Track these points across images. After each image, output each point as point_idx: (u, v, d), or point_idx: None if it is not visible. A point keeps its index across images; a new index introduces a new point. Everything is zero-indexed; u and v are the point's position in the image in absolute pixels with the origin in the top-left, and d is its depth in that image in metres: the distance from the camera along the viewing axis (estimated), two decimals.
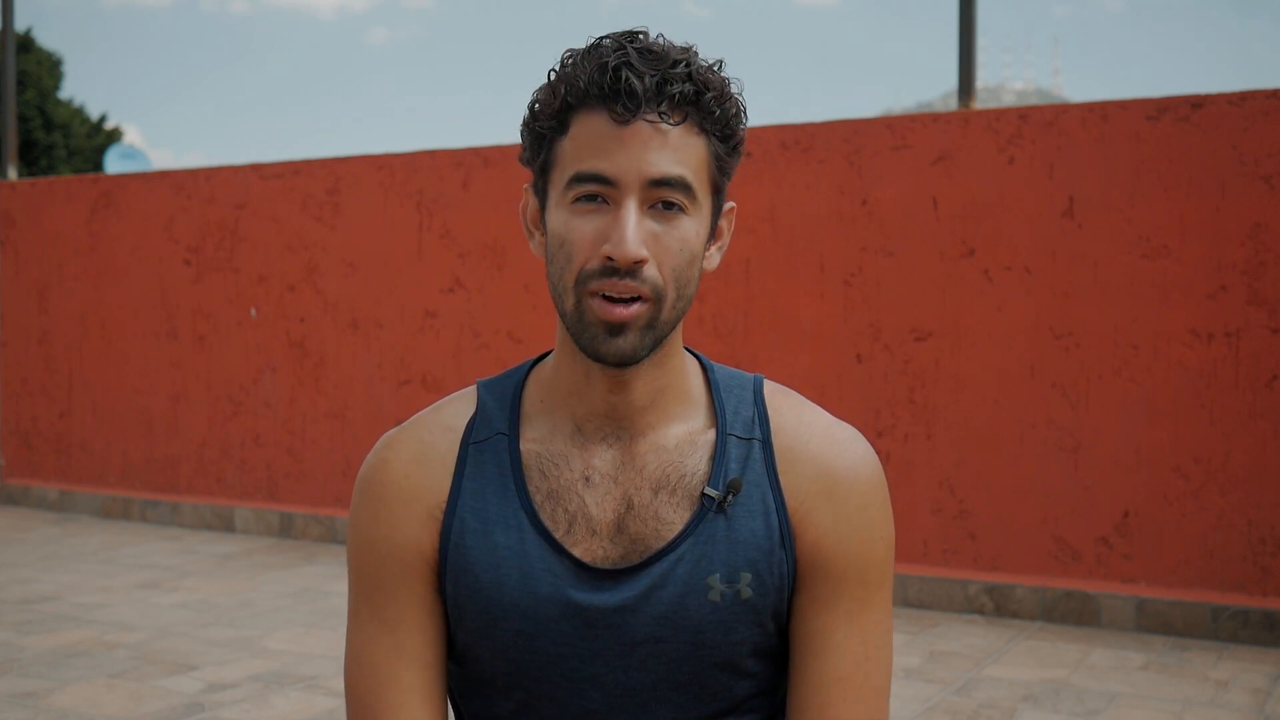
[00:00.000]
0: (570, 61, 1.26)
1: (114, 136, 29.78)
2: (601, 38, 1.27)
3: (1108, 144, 4.91)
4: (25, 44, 27.22)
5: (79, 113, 28.76)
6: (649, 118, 1.23)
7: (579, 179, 1.24)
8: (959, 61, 5.55)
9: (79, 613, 5.02)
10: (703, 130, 1.26)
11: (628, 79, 1.22)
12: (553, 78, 1.28)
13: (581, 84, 1.24)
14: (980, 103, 5.97)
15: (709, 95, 1.25)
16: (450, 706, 1.41)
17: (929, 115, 5.32)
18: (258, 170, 6.93)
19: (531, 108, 1.30)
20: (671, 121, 1.23)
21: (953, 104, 6.72)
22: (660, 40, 1.27)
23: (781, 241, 5.49)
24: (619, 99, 1.22)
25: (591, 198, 1.24)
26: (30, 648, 4.48)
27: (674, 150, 1.24)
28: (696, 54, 1.27)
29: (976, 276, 5.13)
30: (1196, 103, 4.79)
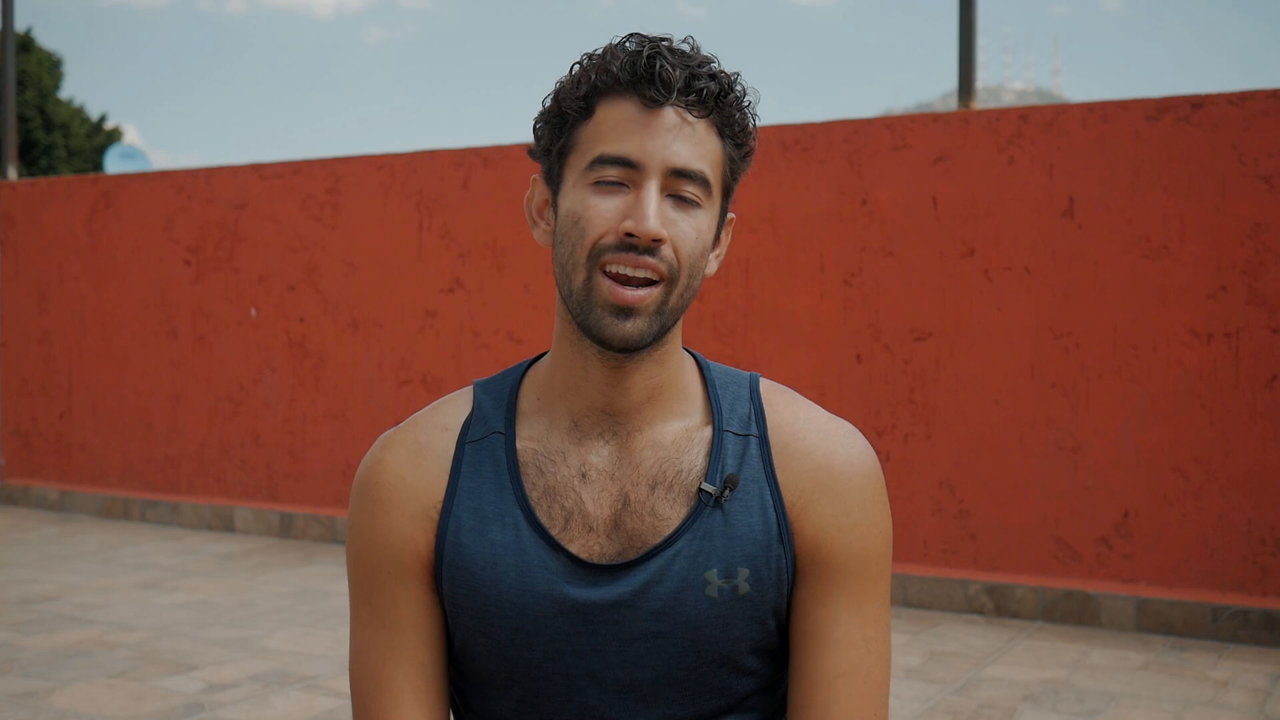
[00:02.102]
0: (599, 52, 1.29)
1: (114, 136, 29.79)
2: (630, 35, 1.30)
3: (1107, 144, 4.91)
4: (25, 44, 27.22)
5: (79, 113, 28.75)
6: (677, 107, 1.26)
7: (602, 160, 1.26)
8: (959, 61, 5.55)
9: (79, 613, 5.02)
10: (721, 133, 1.29)
11: (662, 66, 1.25)
12: (577, 70, 1.30)
13: (614, 69, 1.26)
14: (980, 103, 5.97)
15: (731, 97, 1.29)
16: (451, 706, 1.41)
17: (929, 115, 5.32)
18: (258, 170, 6.93)
19: (555, 94, 1.31)
20: (696, 115, 1.27)
21: (953, 104, 6.72)
22: (688, 43, 1.30)
23: (781, 241, 5.49)
24: (652, 83, 1.25)
25: (612, 180, 1.26)
26: (30, 648, 4.48)
27: (697, 145, 1.27)
28: (719, 62, 1.31)
29: (976, 276, 5.13)
30: (1196, 103, 4.79)
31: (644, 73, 1.25)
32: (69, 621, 4.87)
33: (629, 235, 1.23)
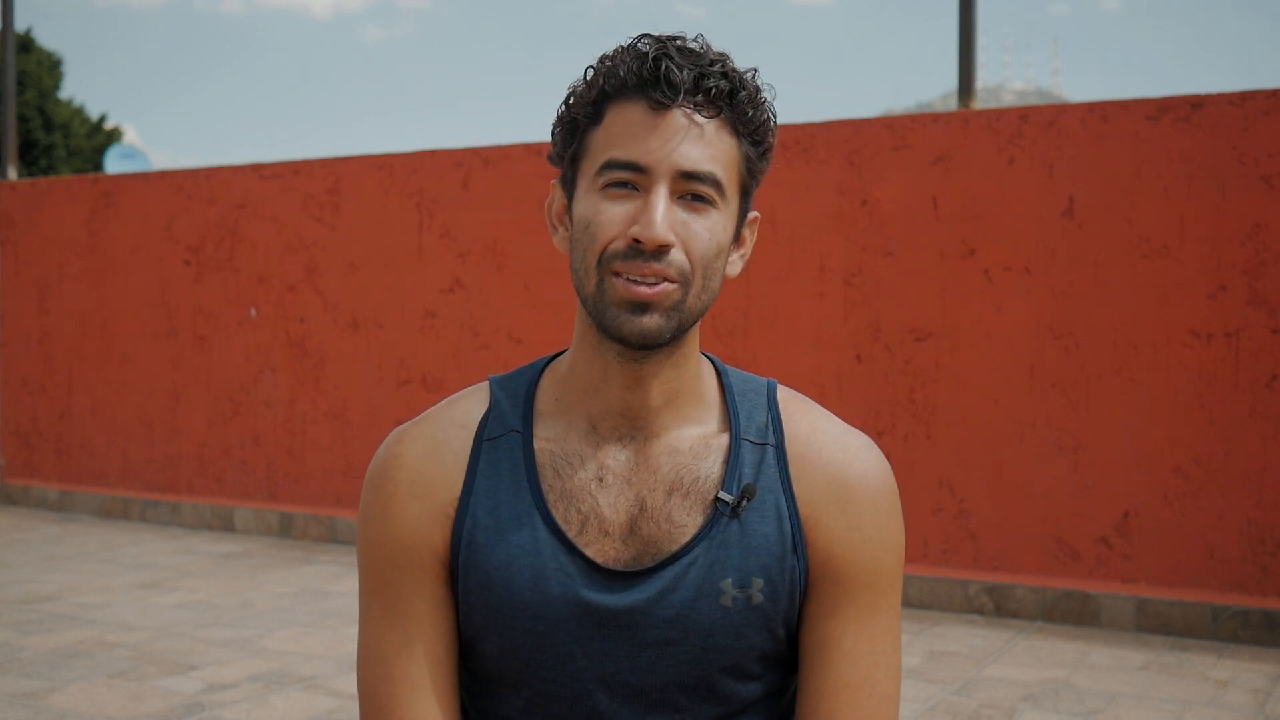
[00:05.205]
0: (610, 55, 1.29)
1: (114, 136, 29.79)
2: (641, 36, 1.29)
3: (1107, 144, 4.91)
4: (25, 44, 27.22)
5: (79, 113, 28.76)
6: (685, 109, 1.24)
7: (611, 165, 1.25)
8: (959, 61, 5.55)
9: (79, 613, 5.02)
10: (735, 131, 1.28)
11: (667, 68, 1.24)
12: (590, 75, 1.29)
13: (621, 73, 1.26)
14: (980, 103, 5.97)
15: (743, 94, 1.27)
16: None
17: (929, 115, 5.32)
18: (258, 170, 6.93)
19: (567, 100, 1.31)
20: (706, 115, 1.25)
21: (953, 104, 6.72)
22: (699, 42, 1.29)
23: (781, 241, 5.49)
24: (658, 86, 1.24)
25: (622, 184, 1.25)
26: (30, 648, 4.48)
27: (707, 145, 1.25)
28: (732, 59, 1.29)
29: (976, 276, 5.13)
30: (1196, 103, 4.79)
31: (650, 75, 1.24)
32: (69, 621, 4.87)
33: (636, 241, 1.23)
